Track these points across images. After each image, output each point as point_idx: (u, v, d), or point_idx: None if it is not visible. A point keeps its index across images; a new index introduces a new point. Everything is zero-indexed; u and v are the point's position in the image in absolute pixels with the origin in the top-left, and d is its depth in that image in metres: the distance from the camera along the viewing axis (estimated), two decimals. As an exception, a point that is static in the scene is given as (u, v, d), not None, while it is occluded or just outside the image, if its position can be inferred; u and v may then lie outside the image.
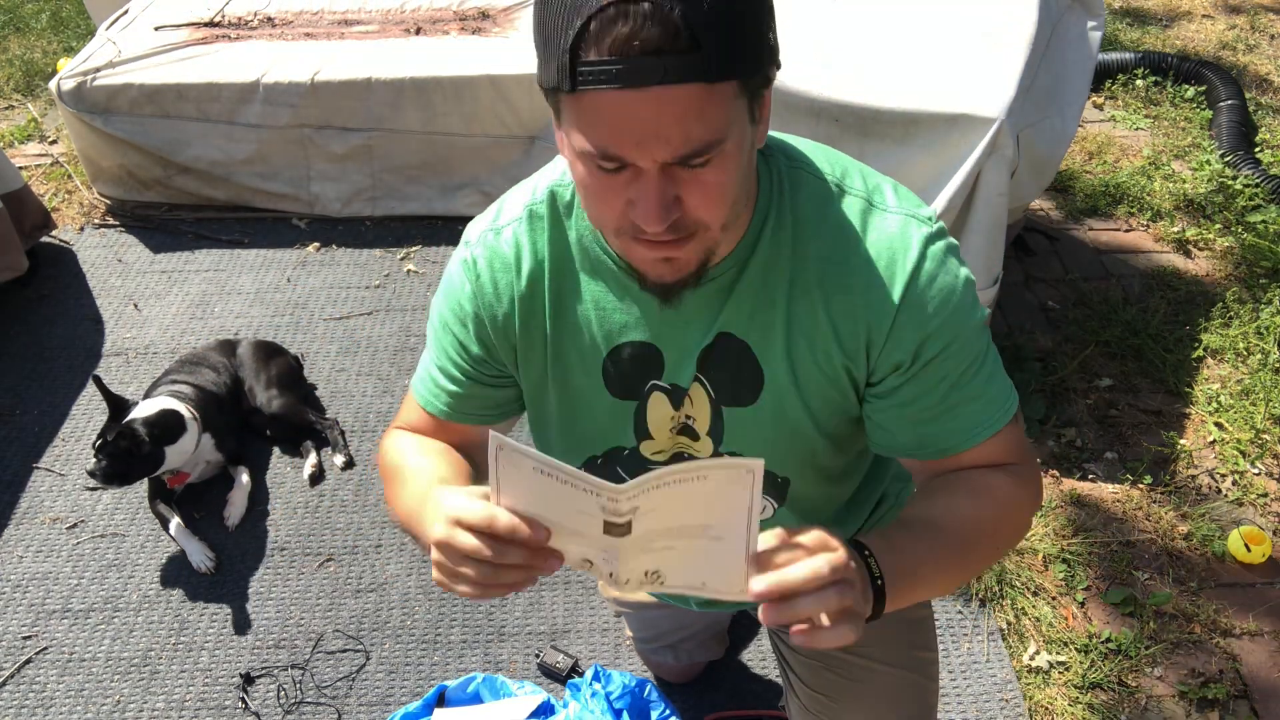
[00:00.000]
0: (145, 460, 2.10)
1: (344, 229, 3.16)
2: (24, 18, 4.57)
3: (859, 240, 0.96)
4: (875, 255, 0.96)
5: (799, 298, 0.98)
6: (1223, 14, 4.40)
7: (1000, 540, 1.06)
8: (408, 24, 3.29)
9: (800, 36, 2.38)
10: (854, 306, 0.97)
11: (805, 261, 0.97)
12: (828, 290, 0.97)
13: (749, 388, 1.02)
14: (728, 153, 0.82)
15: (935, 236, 0.97)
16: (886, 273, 0.95)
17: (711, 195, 0.84)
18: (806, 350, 0.99)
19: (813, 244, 0.97)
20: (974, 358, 1.00)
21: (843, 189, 0.98)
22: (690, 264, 0.90)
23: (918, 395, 1.00)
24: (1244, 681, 1.91)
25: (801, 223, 0.97)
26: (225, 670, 1.95)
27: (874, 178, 1.01)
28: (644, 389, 1.06)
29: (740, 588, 0.83)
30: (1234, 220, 3.09)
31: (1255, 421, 2.40)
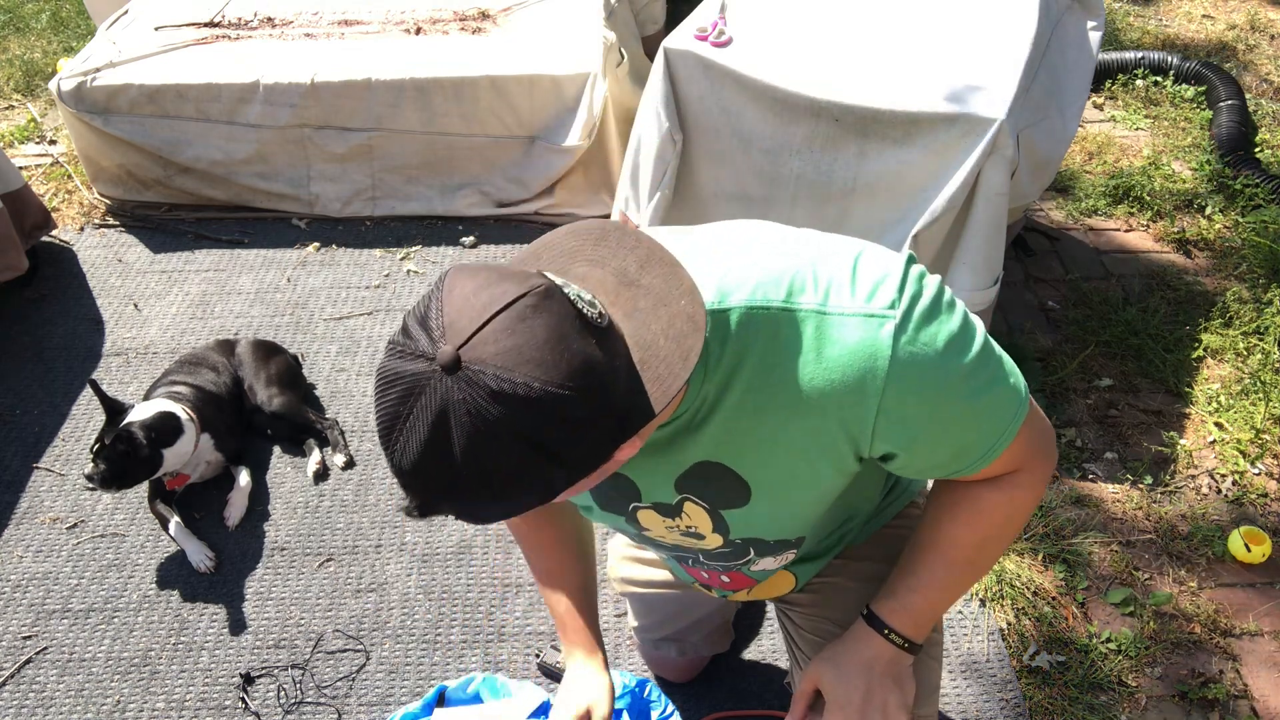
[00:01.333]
0: (143, 463, 2.10)
1: (344, 229, 3.16)
2: (24, 18, 4.57)
3: (821, 362, 0.94)
4: (842, 372, 0.94)
5: (769, 421, 0.98)
6: (1223, 14, 4.40)
7: (1004, 543, 1.16)
8: (408, 24, 3.29)
9: (800, 36, 2.38)
10: (829, 424, 0.97)
11: (767, 393, 0.97)
12: (801, 413, 0.97)
13: (738, 494, 1.07)
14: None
15: (901, 325, 0.93)
16: (856, 389, 0.94)
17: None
18: (787, 460, 1.01)
19: (769, 377, 0.96)
20: (971, 410, 0.99)
21: (792, 310, 0.95)
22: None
23: (917, 460, 1.03)
24: (1244, 681, 1.91)
25: (753, 364, 0.96)
26: (225, 670, 1.95)
27: (828, 271, 0.96)
28: (627, 508, 1.15)
29: None
30: (1234, 220, 3.09)
31: (1255, 421, 2.40)
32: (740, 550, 1.21)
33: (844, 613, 1.31)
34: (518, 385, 0.75)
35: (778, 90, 2.23)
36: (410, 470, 0.80)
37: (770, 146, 2.32)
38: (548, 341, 0.77)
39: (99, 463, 2.07)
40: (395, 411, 0.79)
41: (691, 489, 1.08)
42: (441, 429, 0.77)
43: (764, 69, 2.25)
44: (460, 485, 0.79)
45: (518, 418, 0.76)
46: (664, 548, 1.25)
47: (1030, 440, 1.07)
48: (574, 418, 0.78)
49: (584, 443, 0.80)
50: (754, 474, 1.04)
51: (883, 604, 1.17)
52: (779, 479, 1.04)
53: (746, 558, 1.23)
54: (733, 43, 2.33)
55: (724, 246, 0.99)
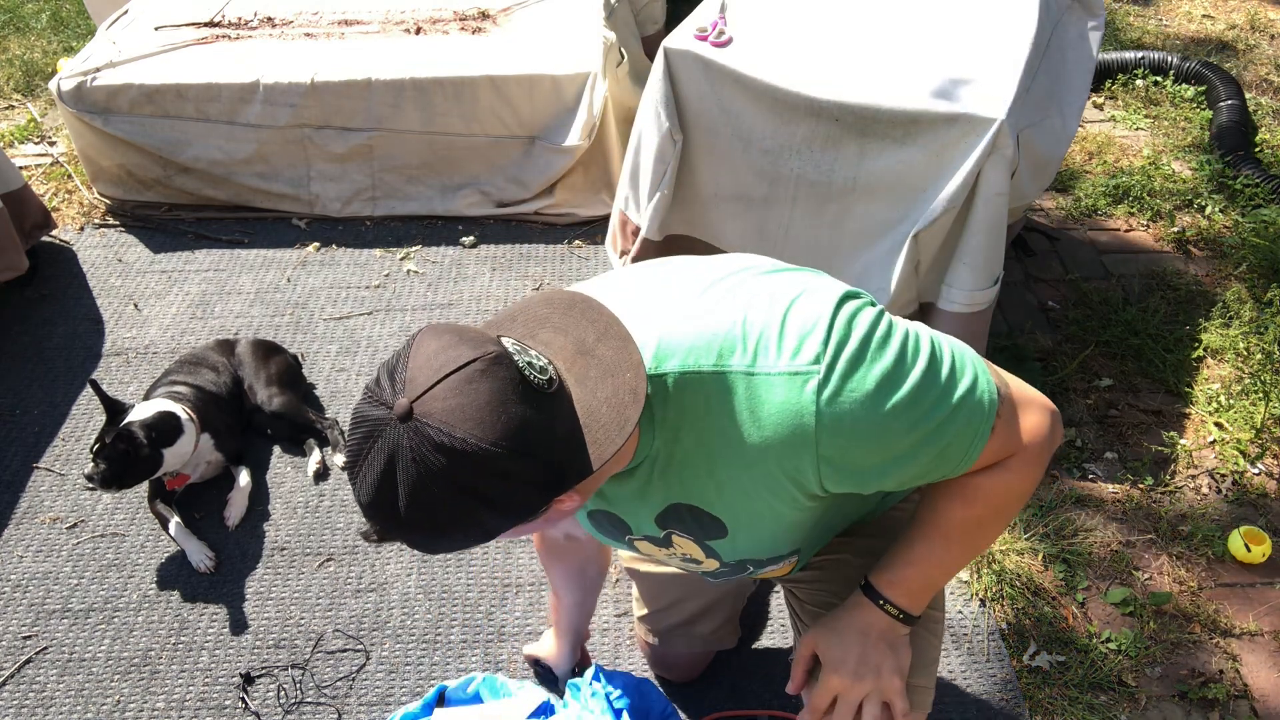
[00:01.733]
0: (143, 463, 2.10)
1: (344, 229, 3.16)
2: (24, 18, 4.57)
3: (751, 422, 1.02)
4: (774, 431, 1.01)
5: (723, 472, 1.07)
6: (1223, 14, 4.40)
7: (1002, 521, 1.19)
8: (408, 24, 3.29)
9: (800, 36, 2.38)
10: (775, 472, 1.04)
11: (712, 447, 1.05)
12: (747, 465, 1.04)
13: (716, 529, 1.15)
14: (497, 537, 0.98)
15: (825, 379, 0.98)
16: (790, 444, 1.01)
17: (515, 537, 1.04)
18: (748, 501, 1.09)
19: (709, 435, 1.04)
20: (915, 432, 1.02)
21: (722, 373, 1.02)
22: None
23: (890, 482, 1.07)
24: (1244, 681, 1.91)
25: (690, 422, 1.04)
26: (225, 670, 1.95)
27: (759, 328, 1.01)
28: (623, 539, 1.25)
29: None
30: (1234, 220, 3.09)
31: (1255, 421, 2.40)
32: (738, 568, 1.27)
33: (846, 585, 1.33)
34: (455, 440, 0.86)
35: (778, 90, 2.23)
36: (366, 504, 0.92)
37: (770, 146, 2.32)
38: (489, 404, 0.87)
39: (99, 462, 2.07)
40: (358, 449, 0.91)
41: (673, 525, 1.16)
42: (390, 471, 0.89)
43: (764, 69, 2.25)
44: (406, 522, 0.90)
45: (455, 468, 0.87)
46: (672, 566, 1.34)
47: (1012, 430, 1.10)
48: (505, 471, 0.88)
49: (517, 494, 0.90)
50: (724, 513, 1.12)
51: (880, 575, 1.22)
52: (747, 516, 1.11)
53: (747, 572, 1.29)
54: (733, 43, 2.33)
55: (669, 300, 1.07)
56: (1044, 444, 1.14)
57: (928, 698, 1.32)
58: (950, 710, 1.86)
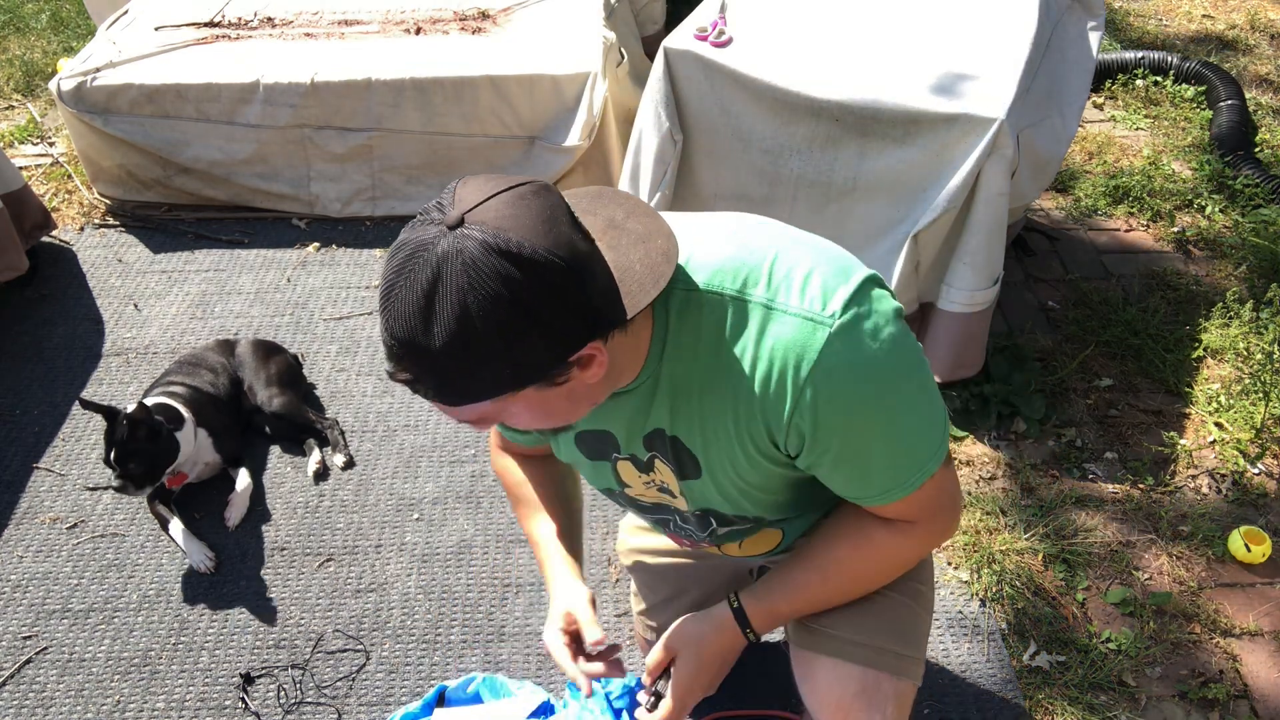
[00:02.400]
0: (165, 446, 2.11)
1: (344, 229, 3.16)
2: (24, 18, 4.57)
3: (754, 351, 1.03)
4: (771, 365, 1.02)
5: (710, 402, 1.08)
6: (1223, 14, 4.40)
7: (877, 583, 1.27)
8: (408, 24, 3.29)
9: (800, 36, 2.38)
10: (753, 411, 1.05)
11: (710, 373, 1.06)
12: (732, 397, 1.06)
13: (692, 467, 1.16)
14: (512, 413, 0.98)
15: (837, 333, 1.00)
16: (780, 383, 1.02)
17: (519, 424, 1.01)
18: (728, 443, 1.10)
19: (716, 358, 1.05)
20: (879, 439, 1.06)
21: (743, 299, 1.03)
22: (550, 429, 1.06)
23: (822, 469, 1.10)
24: (1244, 681, 1.91)
25: (700, 342, 1.05)
26: (225, 670, 1.95)
27: (785, 270, 1.03)
28: (610, 457, 1.24)
29: None
30: (1234, 220, 3.09)
31: (1255, 421, 2.40)
32: (703, 520, 1.28)
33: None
34: (510, 243, 0.85)
35: (778, 90, 2.23)
36: (398, 331, 0.88)
37: (770, 146, 2.32)
38: (541, 217, 0.88)
39: (125, 463, 2.04)
40: (400, 268, 0.88)
41: (658, 449, 1.17)
42: (434, 284, 0.85)
43: (764, 69, 2.25)
44: (441, 349, 0.87)
45: (505, 271, 0.85)
46: (646, 509, 1.32)
47: (935, 500, 1.14)
48: (555, 285, 0.87)
49: (563, 319, 0.89)
50: (702, 453, 1.13)
51: (751, 602, 1.27)
52: (721, 461, 1.13)
53: (710, 528, 1.31)
54: (733, 43, 2.33)
55: (703, 230, 1.09)
56: (943, 529, 1.20)
57: (919, 669, 1.33)
58: (950, 710, 1.86)
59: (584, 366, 0.95)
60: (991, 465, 2.34)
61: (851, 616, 1.30)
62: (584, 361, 0.94)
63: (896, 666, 1.28)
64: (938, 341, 2.38)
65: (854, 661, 1.27)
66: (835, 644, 1.28)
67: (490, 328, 0.86)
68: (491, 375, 0.90)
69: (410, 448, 2.42)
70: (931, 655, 1.95)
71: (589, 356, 0.94)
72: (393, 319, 0.88)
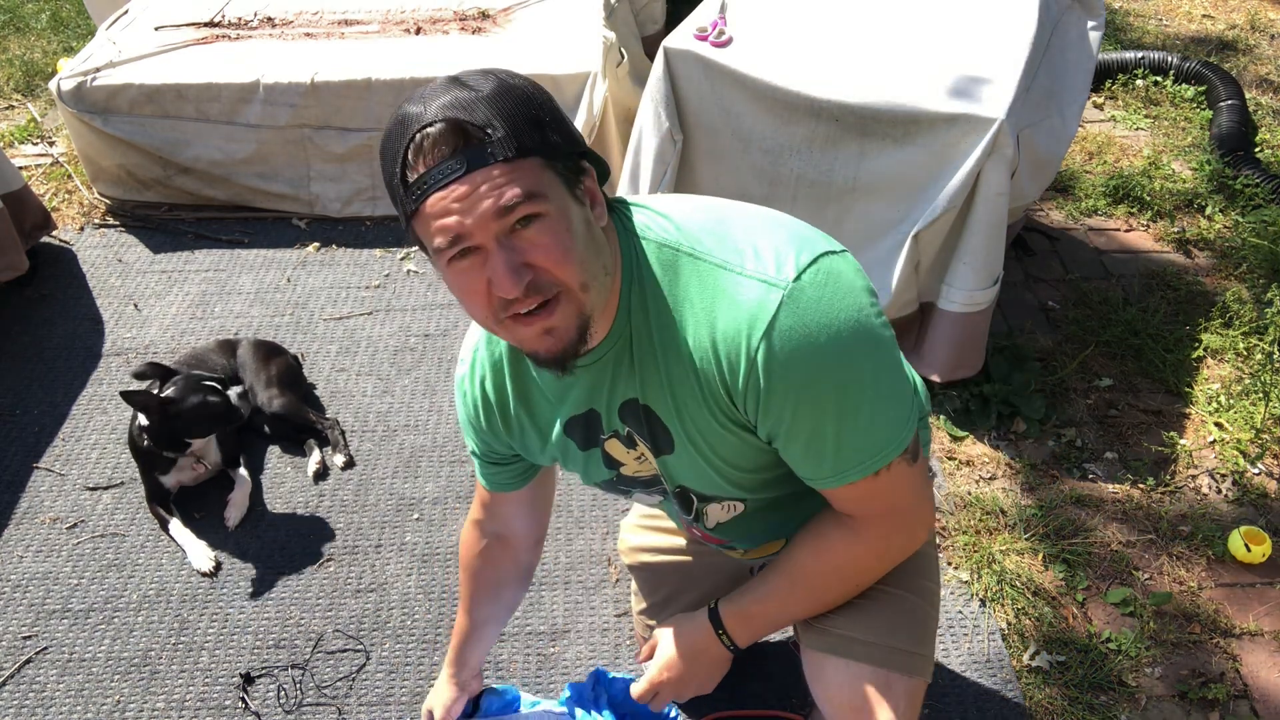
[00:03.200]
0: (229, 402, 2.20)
1: (344, 229, 3.16)
2: (24, 18, 4.57)
3: (710, 311, 1.05)
4: (725, 326, 1.04)
5: (674, 364, 1.09)
6: (1223, 14, 4.40)
7: (840, 588, 1.28)
8: (408, 24, 3.29)
9: (800, 36, 2.38)
10: (712, 374, 1.07)
11: (667, 333, 1.08)
12: (692, 359, 1.07)
13: (665, 440, 1.17)
14: (551, 215, 0.97)
15: (791, 298, 1.01)
16: (735, 344, 1.03)
17: (553, 254, 0.98)
18: (695, 408, 1.11)
19: (673, 315, 1.07)
20: (834, 413, 1.06)
21: (696, 257, 1.06)
22: (569, 331, 1.03)
23: (779, 439, 1.10)
24: (1244, 681, 1.91)
25: (657, 292, 1.08)
26: (225, 670, 1.95)
27: (746, 237, 1.06)
28: (599, 439, 1.25)
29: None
30: (1234, 220, 3.09)
31: (1255, 421, 2.40)
32: (684, 498, 1.29)
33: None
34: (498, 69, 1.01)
35: (778, 90, 2.23)
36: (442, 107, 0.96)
37: (770, 146, 2.32)
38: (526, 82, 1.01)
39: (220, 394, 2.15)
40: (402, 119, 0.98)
41: (630, 424, 1.19)
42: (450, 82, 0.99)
43: (764, 69, 2.25)
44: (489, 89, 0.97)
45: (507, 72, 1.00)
46: (648, 485, 1.32)
47: (890, 495, 1.14)
48: (549, 99, 1.01)
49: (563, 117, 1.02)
50: (675, 423, 1.14)
51: (727, 606, 1.31)
52: (693, 431, 1.13)
53: (692, 507, 1.31)
54: (733, 43, 2.33)
55: (680, 199, 1.14)
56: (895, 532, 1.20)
57: (929, 666, 1.34)
58: (950, 710, 1.86)
59: (592, 201, 1.03)
60: (991, 465, 2.34)
61: (861, 616, 1.30)
62: (590, 193, 1.03)
63: (907, 665, 1.28)
64: (938, 341, 2.38)
65: (865, 661, 1.27)
66: (846, 644, 1.28)
67: (520, 83, 0.98)
68: (540, 128, 0.97)
69: (410, 448, 2.42)
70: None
71: (592, 190, 1.03)
72: (448, 103, 0.95)
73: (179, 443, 2.18)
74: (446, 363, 2.68)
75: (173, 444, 2.18)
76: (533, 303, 0.99)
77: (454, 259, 0.98)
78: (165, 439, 2.16)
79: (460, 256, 0.98)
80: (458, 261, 0.98)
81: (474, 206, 0.94)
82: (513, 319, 1.01)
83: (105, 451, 2.41)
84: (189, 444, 2.19)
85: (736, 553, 1.47)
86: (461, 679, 1.61)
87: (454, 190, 0.94)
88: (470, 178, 0.94)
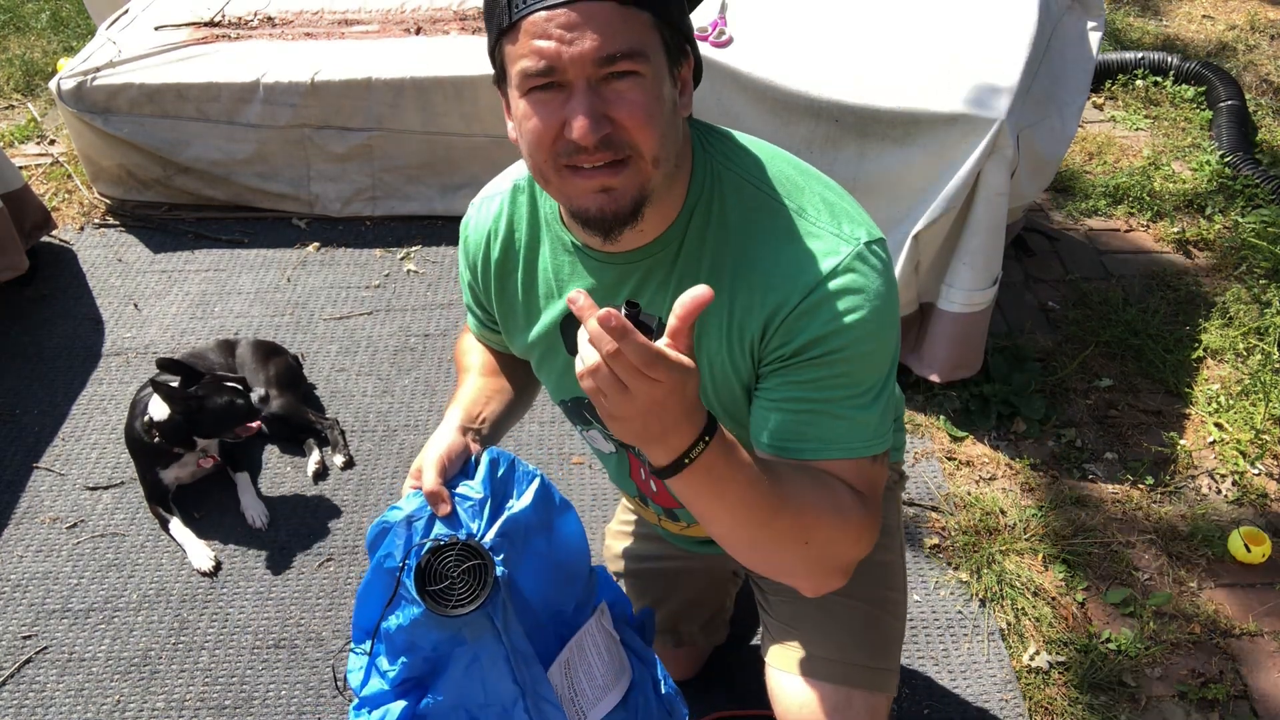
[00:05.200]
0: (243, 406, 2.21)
1: (344, 229, 3.16)
2: (24, 18, 4.57)
3: (775, 246, 1.04)
4: (789, 261, 1.03)
5: (713, 284, 0.98)
6: (1223, 14, 4.40)
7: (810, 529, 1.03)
8: (408, 24, 3.29)
9: (800, 36, 2.38)
10: (753, 302, 1.04)
11: (722, 256, 1.06)
12: (736, 286, 1.05)
13: None
14: (647, 76, 0.94)
15: (858, 257, 1.02)
16: (794, 277, 1.02)
17: (638, 114, 0.94)
18: (717, 335, 1.08)
19: (731, 241, 1.05)
20: (855, 382, 1.04)
21: (775, 200, 1.06)
22: (627, 194, 0.98)
23: (789, 389, 1.04)
24: (1244, 681, 1.91)
25: (725, 219, 1.06)
26: (225, 670, 1.95)
27: (816, 195, 1.07)
28: None
29: None
30: (1234, 220, 3.09)
31: (1255, 421, 2.40)
32: None
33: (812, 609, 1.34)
34: None
35: (778, 90, 2.23)
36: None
37: (770, 146, 2.31)
38: None
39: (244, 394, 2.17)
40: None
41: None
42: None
43: (764, 69, 2.25)
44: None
45: None
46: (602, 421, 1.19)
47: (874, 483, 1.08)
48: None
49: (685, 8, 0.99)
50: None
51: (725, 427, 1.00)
52: (703, 363, 1.09)
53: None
54: (733, 43, 2.33)
55: (757, 140, 1.13)
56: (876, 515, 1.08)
57: (893, 680, 1.33)
58: (950, 710, 1.86)
59: (683, 88, 1.01)
60: (991, 466, 2.34)
61: (820, 632, 1.29)
62: (683, 80, 1.01)
63: (868, 680, 1.27)
64: (937, 341, 2.38)
65: (824, 679, 1.26)
66: (805, 662, 1.27)
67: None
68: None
69: (410, 448, 2.42)
70: (931, 655, 1.95)
71: (685, 79, 1.02)
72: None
73: (192, 439, 2.18)
74: (446, 362, 2.68)
75: (185, 440, 2.18)
76: (601, 159, 0.95)
77: (536, 89, 0.94)
78: (180, 435, 2.16)
79: (544, 88, 0.94)
80: (539, 92, 0.94)
81: (578, 40, 0.90)
82: (571, 169, 0.97)
83: (105, 451, 2.41)
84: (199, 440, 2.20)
85: (677, 525, 1.44)
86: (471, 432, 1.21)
87: (561, 15, 0.90)
88: (582, 6, 0.90)
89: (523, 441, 2.42)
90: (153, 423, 2.16)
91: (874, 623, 1.31)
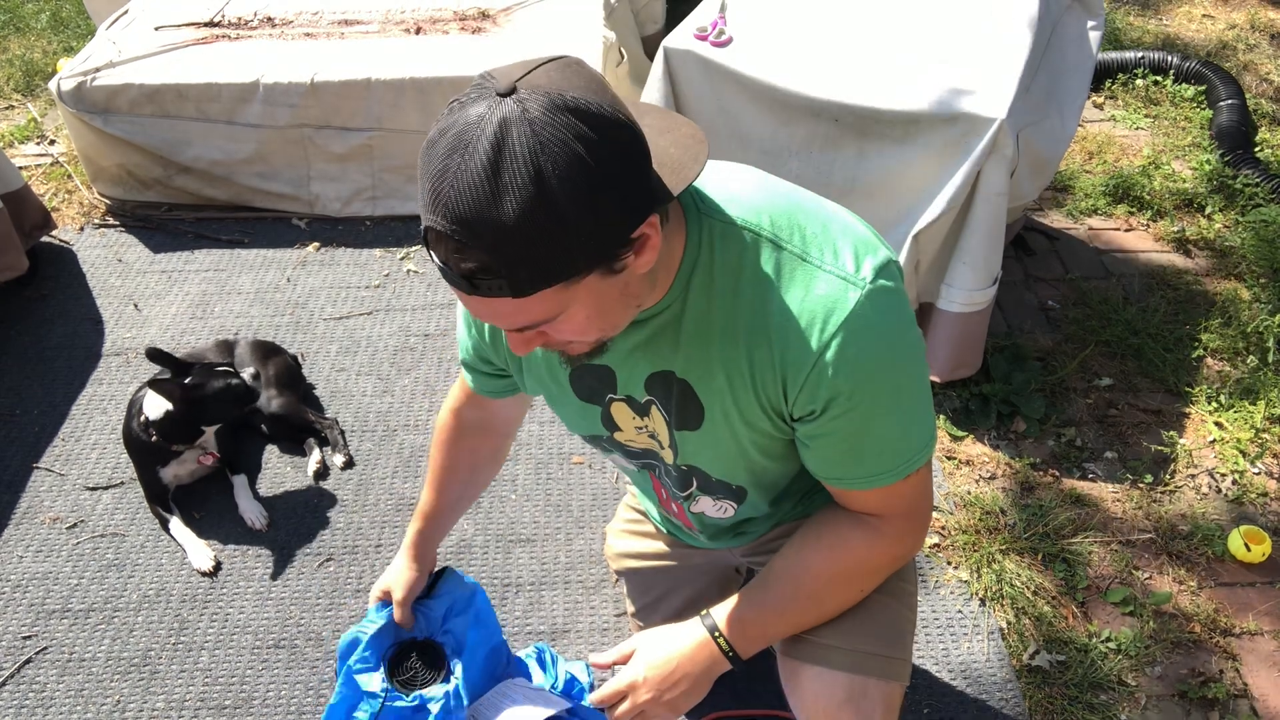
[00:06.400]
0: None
1: (344, 229, 3.16)
2: (24, 18, 4.57)
3: (783, 298, 1.03)
4: (798, 314, 1.02)
5: (729, 345, 1.06)
6: (1223, 14, 4.40)
7: (851, 590, 1.24)
8: (408, 24, 3.29)
9: (800, 36, 2.38)
10: (771, 360, 1.05)
11: (733, 313, 1.05)
12: (751, 343, 1.05)
13: (694, 416, 1.15)
14: (570, 314, 0.91)
15: (868, 297, 1.01)
16: (805, 334, 1.02)
17: (569, 333, 0.95)
18: (739, 391, 1.09)
19: (741, 297, 1.04)
20: (884, 414, 1.07)
21: (776, 243, 1.03)
22: (584, 348, 1.02)
23: (822, 438, 1.09)
24: (1244, 681, 1.91)
25: (729, 277, 1.04)
26: (225, 670, 1.95)
27: (816, 230, 1.05)
28: (604, 398, 1.21)
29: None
30: (1234, 220, 3.09)
31: (1255, 421, 2.40)
32: (685, 478, 1.27)
33: None
34: (578, 101, 0.81)
35: (777, 90, 2.23)
36: (461, 204, 0.80)
37: (770, 147, 2.32)
38: (593, 81, 0.84)
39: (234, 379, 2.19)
40: (451, 149, 0.81)
41: (657, 395, 1.16)
42: (499, 147, 0.79)
43: (764, 69, 2.25)
44: (517, 214, 0.79)
45: (577, 129, 0.80)
46: (634, 454, 1.30)
47: (912, 499, 1.15)
48: (623, 144, 0.83)
49: (630, 176, 0.85)
50: (709, 398, 1.11)
51: (722, 611, 1.24)
52: (728, 409, 1.11)
53: (690, 489, 1.30)
54: (733, 43, 2.33)
55: (731, 170, 1.10)
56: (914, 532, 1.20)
57: (906, 670, 1.33)
58: (950, 710, 1.86)
59: (639, 251, 0.90)
60: (991, 465, 2.34)
61: (835, 621, 1.29)
62: (640, 243, 0.90)
63: (882, 669, 1.28)
64: (937, 341, 2.38)
65: (839, 668, 1.26)
66: (820, 651, 1.28)
67: (567, 190, 0.80)
68: (566, 249, 0.83)
69: (410, 448, 2.42)
70: (931, 655, 1.95)
71: (645, 237, 0.90)
72: (452, 201, 0.80)
73: (194, 433, 2.18)
74: (446, 362, 2.68)
75: (187, 435, 2.18)
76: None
77: None
78: (181, 430, 2.16)
79: None
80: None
81: (489, 319, 0.93)
82: None
83: (105, 451, 2.41)
84: (202, 432, 2.20)
85: (698, 539, 1.48)
86: (424, 562, 1.53)
87: (467, 300, 0.90)
88: (479, 302, 0.88)
89: (523, 441, 2.42)
90: (149, 421, 2.16)
91: (888, 613, 1.32)
